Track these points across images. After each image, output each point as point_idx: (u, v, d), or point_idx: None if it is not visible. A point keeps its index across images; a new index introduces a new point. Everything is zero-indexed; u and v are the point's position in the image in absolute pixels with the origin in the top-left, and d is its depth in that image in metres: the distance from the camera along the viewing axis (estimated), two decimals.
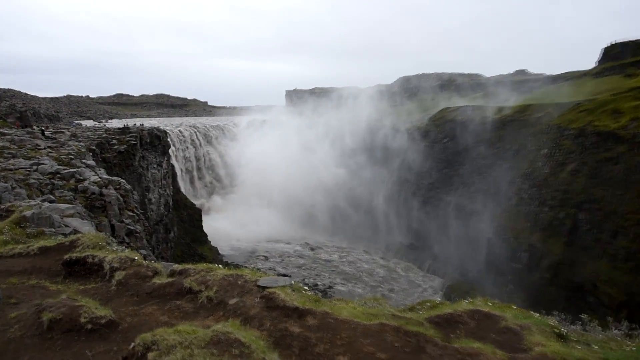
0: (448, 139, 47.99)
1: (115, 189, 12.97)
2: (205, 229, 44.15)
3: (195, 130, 62.42)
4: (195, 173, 58.73)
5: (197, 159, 59.80)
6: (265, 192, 63.72)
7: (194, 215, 44.40)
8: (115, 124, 44.75)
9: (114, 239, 6.03)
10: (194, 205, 46.24)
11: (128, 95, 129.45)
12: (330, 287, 39.72)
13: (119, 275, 4.54)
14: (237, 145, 71.17)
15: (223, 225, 52.54)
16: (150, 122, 57.39)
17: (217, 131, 70.95)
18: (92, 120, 70.66)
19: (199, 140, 61.61)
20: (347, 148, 65.15)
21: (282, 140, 73.38)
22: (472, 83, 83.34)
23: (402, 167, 54.48)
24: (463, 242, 40.66)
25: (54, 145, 19.75)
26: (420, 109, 65.05)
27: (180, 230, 41.52)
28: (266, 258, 47.29)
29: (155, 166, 35.70)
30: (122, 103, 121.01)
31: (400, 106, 74.89)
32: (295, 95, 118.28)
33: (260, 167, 65.07)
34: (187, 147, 56.56)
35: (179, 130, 55.72)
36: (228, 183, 66.96)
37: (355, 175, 61.23)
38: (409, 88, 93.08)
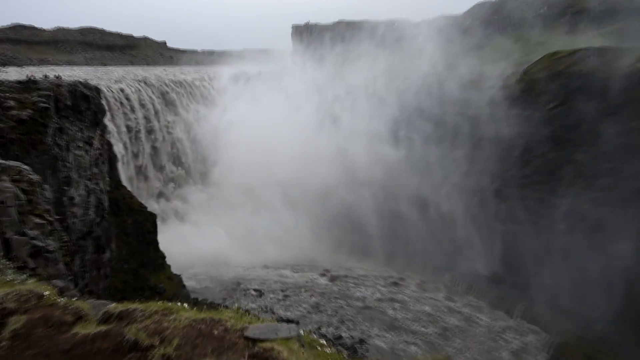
0: (557, 104, 47.20)
1: (13, 181, 13.29)
2: (162, 247, 45.17)
3: (148, 88, 63.45)
4: (146, 158, 59.73)
5: (150, 135, 60.79)
6: (259, 189, 65.55)
7: (144, 225, 45.17)
8: (13, 74, 44.93)
9: (9, 263, 6.49)
10: (145, 208, 46.98)
11: (34, 28, 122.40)
12: (362, 340, 40.61)
13: (15, 322, 4.51)
14: (215, 113, 73.08)
15: (191, 241, 53.95)
16: (72, 73, 58.11)
17: (183, 90, 72.54)
18: None
19: (153, 104, 62.77)
20: (389, 117, 66.25)
21: (288, 104, 75.21)
22: (605, 9, 79.15)
23: (479, 150, 54.87)
24: (582, 274, 40.66)
25: None
26: (510, 54, 64.26)
27: (122, 248, 42.33)
28: (259, 293, 48.58)
29: (81, 145, 36.17)
30: (23, 40, 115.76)
31: (478, 50, 75.01)
32: (307, 34, 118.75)
33: (252, 149, 66.77)
34: (135, 116, 57.39)
35: (119, 88, 56.52)
36: (200, 174, 68.53)
37: (402, 162, 62.41)
38: (492, 21, 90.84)
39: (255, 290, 48.91)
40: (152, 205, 53.09)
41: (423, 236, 57.56)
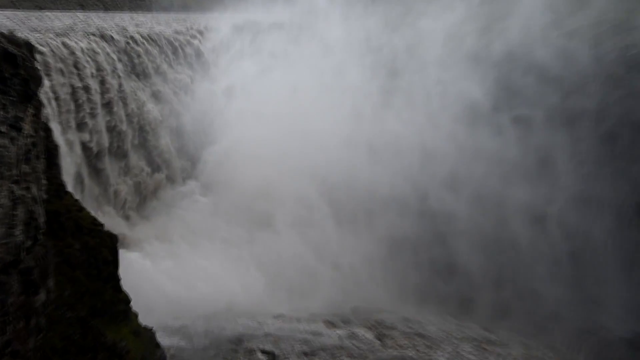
0: None
1: None
2: (126, 285, 44.83)
3: (107, 45, 63.27)
4: (103, 150, 59.88)
5: (110, 116, 60.79)
6: (281, 194, 66.43)
7: (98, 252, 44.47)
8: None
9: None
10: (101, 227, 45.84)
11: None
12: None
13: None
14: (209, 84, 75.32)
15: (175, 277, 54.71)
16: None
17: (159, 49, 73.11)
18: None
19: (114, 70, 62.79)
20: (488, 88, 64.47)
21: (323, 67, 76.26)
22: None
23: (614, 144, 53.77)
24: None
25: None
26: None
27: (65, 286, 40.89)
28: (271, 357, 48.64)
29: (3, 130, 35.09)
30: None
31: None
32: None
33: (271, 135, 68.47)
34: (86, 86, 57.06)
35: (63, 44, 56.06)
36: (185, 173, 68.83)
37: (508, 157, 60.35)
38: None
39: (265, 352, 48.58)
40: (113, 222, 52.68)
41: (526, 275, 56.56)
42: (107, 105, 59.17)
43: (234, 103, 70.22)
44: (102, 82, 59.00)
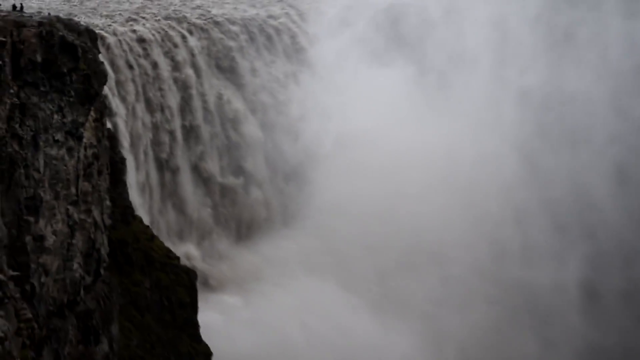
0: None
1: None
2: (207, 334, 45.58)
3: (187, 34, 64.68)
4: (182, 162, 61.24)
5: (188, 122, 61.99)
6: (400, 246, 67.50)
7: (173, 292, 45.54)
8: None
9: None
10: (177, 260, 47.51)
11: None
12: None
13: None
14: (312, 84, 74.89)
15: (273, 326, 55.40)
16: (42, 2, 59.68)
17: (249, 37, 73.21)
18: None
19: (194, 65, 64.01)
20: None
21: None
22: None
23: None
24: None
25: None
26: None
27: (132, 334, 41.64)
28: None
29: (59, 139, 36.04)
30: None
31: None
32: None
33: (394, 161, 69.41)
34: (160, 87, 58.65)
35: (133, 33, 57.88)
36: (283, 201, 70.51)
37: None
38: None
39: None
40: (190, 255, 52.89)
41: None
42: (185, 110, 60.17)
43: (343, 119, 70.10)
44: (182, 82, 60.35)
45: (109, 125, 44.46)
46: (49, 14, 38.85)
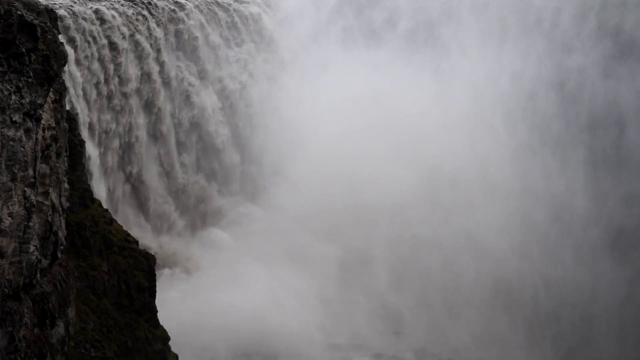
0: None
1: None
2: (165, 318, 45.66)
3: (149, 15, 64.41)
4: (142, 147, 61.79)
5: (150, 107, 62.68)
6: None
7: (132, 276, 45.41)
8: None
9: None
10: (135, 244, 47.31)
11: None
12: None
13: None
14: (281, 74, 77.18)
15: (234, 304, 57.52)
16: None
17: (215, 22, 73.66)
18: None
19: (156, 47, 64.10)
20: None
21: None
22: None
23: None
24: None
25: None
26: None
27: (89, 318, 41.35)
28: None
29: (16, 120, 35.56)
30: None
31: None
32: None
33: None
34: (120, 69, 58.55)
35: (95, 12, 57.10)
36: (252, 187, 72.67)
37: None
38: None
39: None
40: (148, 240, 53.04)
41: None
42: (148, 94, 59.98)
43: (315, 110, 70.99)
44: (143, 66, 60.23)
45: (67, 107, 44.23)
46: None
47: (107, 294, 42.84)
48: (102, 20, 56.15)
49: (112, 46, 55.45)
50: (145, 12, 61.86)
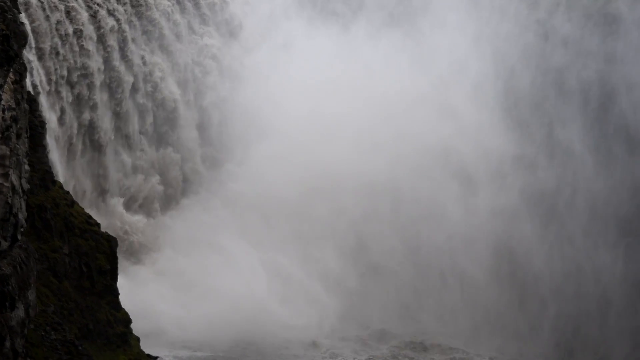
0: None
1: None
2: (126, 301, 45.93)
3: None
4: (106, 130, 61.20)
5: (114, 89, 62.43)
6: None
7: (93, 259, 45.30)
8: None
9: None
10: (97, 227, 47.18)
11: None
12: None
13: None
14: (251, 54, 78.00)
15: (186, 295, 58.08)
16: None
17: (179, 4, 73.54)
18: None
19: (119, 30, 63.73)
20: None
21: None
22: None
23: None
24: None
25: None
26: None
27: (50, 300, 41.18)
28: None
29: None
30: None
31: None
32: None
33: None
34: (83, 51, 58.18)
35: None
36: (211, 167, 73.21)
37: None
38: None
39: None
40: (111, 222, 52.79)
41: None
42: (111, 75, 59.67)
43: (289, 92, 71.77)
44: (105, 48, 60.00)
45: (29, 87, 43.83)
46: None
47: (68, 277, 42.54)
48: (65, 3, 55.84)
49: (75, 31, 55.27)
50: None
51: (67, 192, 46.94)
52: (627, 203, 74.88)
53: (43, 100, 50.34)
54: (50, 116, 49.57)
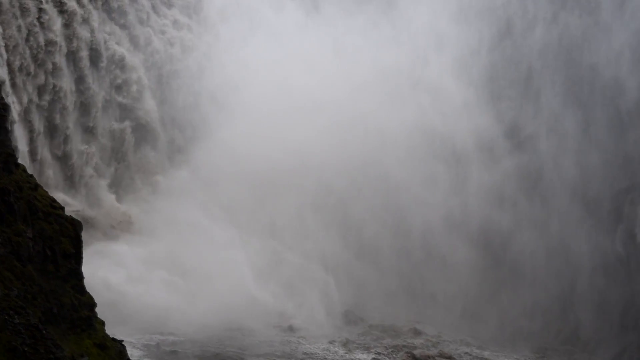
0: None
1: None
2: (91, 284, 46.09)
3: None
4: (67, 110, 60.98)
5: (75, 63, 62.43)
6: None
7: (57, 243, 45.06)
8: None
9: None
10: (61, 210, 47.13)
11: None
12: None
13: None
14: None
15: (153, 279, 58.38)
16: None
17: None
18: None
19: (85, 18, 64.13)
20: None
21: None
22: None
23: None
24: None
25: None
26: None
27: (13, 284, 40.60)
28: None
29: None
30: None
31: None
32: None
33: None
34: (47, 37, 57.70)
35: None
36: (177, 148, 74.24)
37: None
38: None
39: None
40: (74, 206, 52.82)
41: None
42: (72, 47, 59.51)
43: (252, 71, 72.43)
44: (64, 20, 60.32)
45: None
46: None
47: (31, 260, 42.27)
48: None
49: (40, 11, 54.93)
50: None
51: (31, 176, 46.86)
52: (617, 181, 74.52)
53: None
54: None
